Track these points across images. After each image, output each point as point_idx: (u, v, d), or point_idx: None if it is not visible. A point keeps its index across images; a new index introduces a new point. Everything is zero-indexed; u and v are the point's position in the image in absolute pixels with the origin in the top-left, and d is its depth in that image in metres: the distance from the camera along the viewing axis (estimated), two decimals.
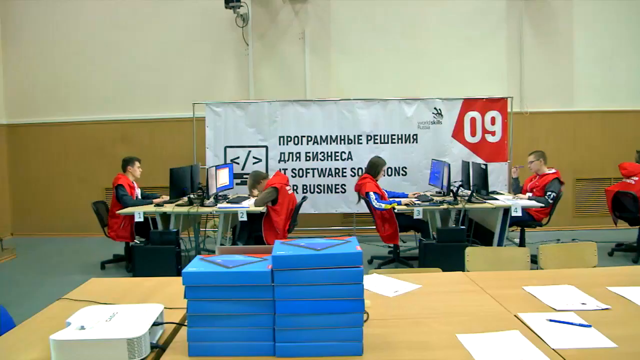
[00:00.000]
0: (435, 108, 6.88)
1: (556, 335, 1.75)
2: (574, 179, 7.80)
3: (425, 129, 6.87)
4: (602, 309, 2.03)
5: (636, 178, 5.76)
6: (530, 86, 7.67)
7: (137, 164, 5.88)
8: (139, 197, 5.89)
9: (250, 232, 5.56)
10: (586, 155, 7.76)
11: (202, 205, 5.37)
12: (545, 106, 7.70)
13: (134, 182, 5.89)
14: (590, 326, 1.84)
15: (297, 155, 6.89)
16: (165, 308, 1.79)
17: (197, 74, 7.65)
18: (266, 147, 6.90)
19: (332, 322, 1.58)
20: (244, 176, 6.62)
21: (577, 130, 7.77)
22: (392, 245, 5.65)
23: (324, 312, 1.58)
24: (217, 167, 5.86)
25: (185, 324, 1.62)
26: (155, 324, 1.66)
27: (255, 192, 5.70)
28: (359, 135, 6.84)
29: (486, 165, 5.43)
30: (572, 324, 1.86)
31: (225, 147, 6.88)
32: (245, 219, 5.25)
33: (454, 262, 2.97)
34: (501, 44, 7.68)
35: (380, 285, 2.34)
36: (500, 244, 5.27)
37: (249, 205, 5.37)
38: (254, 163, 6.86)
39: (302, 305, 1.57)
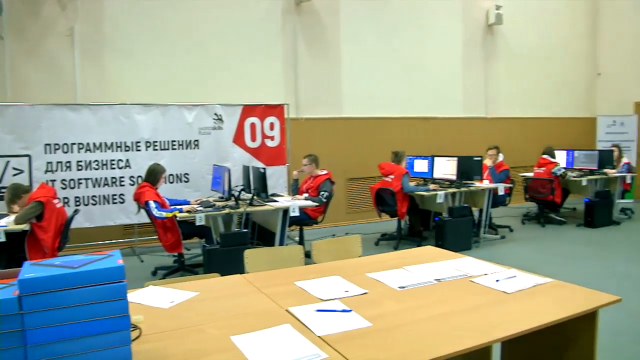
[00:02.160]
0: (215, 114, 6.92)
1: (321, 323, 1.90)
2: (346, 179, 8.59)
3: (206, 135, 6.86)
4: (361, 294, 2.27)
5: (393, 176, 6.58)
6: (305, 94, 8.22)
7: None
8: None
9: (10, 254, 4.86)
10: (355, 157, 8.60)
11: None
12: (319, 113, 8.34)
13: None
14: (350, 310, 2.04)
15: (68, 164, 6.26)
16: None
17: None
18: (29, 156, 6.11)
19: (95, 345, 1.47)
20: (2, 190, 5.77)
21: (347, 134, 8.57)
22: (176, 254, 5.51)
23: (86, 335, 1.46)
24: None
25: None
26: None
27: (16, 207, 5.01)
28: (137, 142, 6.51)
29: (265, 169, 5.64)
30: (335, 310, 2.04)
31: None
32: (3, 239, 4.58)
33: (238, 265, 3.01)
34: (278, 54, 8.07)
35: (155, 297, 2.25)
36: (281, 243, 5.53)
37: (8, 223, 4.70)
38: (14, 175, 6.01)
39: (60, 331, 1.42)
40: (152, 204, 5.02)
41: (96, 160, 6.36)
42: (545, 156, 8.09)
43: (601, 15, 11.42)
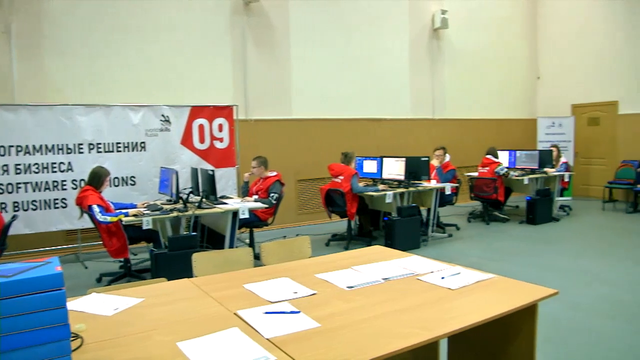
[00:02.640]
0: (163, 115, 6.77)
1: (269, 326, 1.89)
2: (296, 180, 8.59)
3: (153, 137, 6.70)
4: (310, 295, 2.27)
5: (342, 177, 6.63)
6: (254, 95, 8.17)
7: None
8: None
9: None
10: (305, 158, 8.62)
11: None
12: (269, 114, 8.30)
13: None
14: (299, 312, 2.03)
15: (5, 168, 5.97)
16: None
17: None
18: None
19: (33, 356, 1.41)
20: None
21: (297, 136, 8.58)
22: (122, 259, 5.36)
23: (23, 346, 1.39)
24: None
25: None
26: None
27: None
28: (79, 144, 6.28)
29: (213, 171, 5.56)
30: (284, 312, 2.03)
31: None
32: None
33: (187, 270, 2.95)
34: (227, 55, 7.97)
35: (98, 304, 2.18)
36: (231, 246, 5.46)
37: None
38: None
39: None
40: (95, 208, 4.86)
41: (36, 164, 6.10)
42: (488, 156, 8.36)
43: (539, 21, 11.91)
